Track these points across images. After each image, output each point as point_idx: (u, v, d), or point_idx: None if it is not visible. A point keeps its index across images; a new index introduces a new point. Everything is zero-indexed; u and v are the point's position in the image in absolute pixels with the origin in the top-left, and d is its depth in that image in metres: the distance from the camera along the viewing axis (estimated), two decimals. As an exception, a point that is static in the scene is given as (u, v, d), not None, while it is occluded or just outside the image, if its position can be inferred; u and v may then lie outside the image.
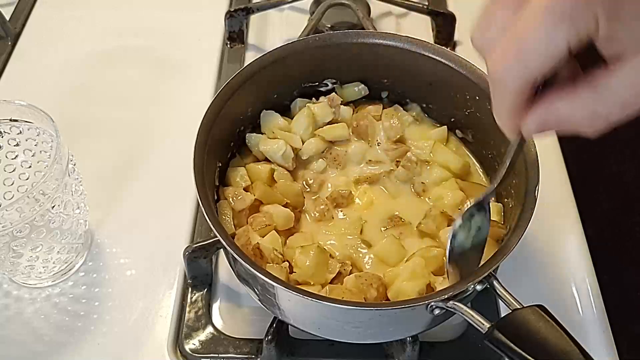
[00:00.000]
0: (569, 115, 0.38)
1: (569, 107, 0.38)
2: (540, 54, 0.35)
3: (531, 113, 0.40)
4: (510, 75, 0.37)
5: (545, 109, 0.39)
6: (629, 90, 0.36)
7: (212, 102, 0.64)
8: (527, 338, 0.47)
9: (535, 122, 0.40)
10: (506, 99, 0.39)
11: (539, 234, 0.73)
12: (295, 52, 0.70)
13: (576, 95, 0.38)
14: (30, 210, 0.59)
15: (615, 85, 0.36)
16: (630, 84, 0.36)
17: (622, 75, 0.36)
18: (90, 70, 0.94)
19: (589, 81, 0.37)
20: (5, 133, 0.66)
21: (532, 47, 0.35)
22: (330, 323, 0.58)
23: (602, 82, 0.37)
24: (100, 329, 0.68)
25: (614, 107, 0.37)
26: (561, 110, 0.38)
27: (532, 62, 0.36)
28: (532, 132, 0.41)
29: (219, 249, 0.69)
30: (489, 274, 0.53)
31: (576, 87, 0.38)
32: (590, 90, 0.37)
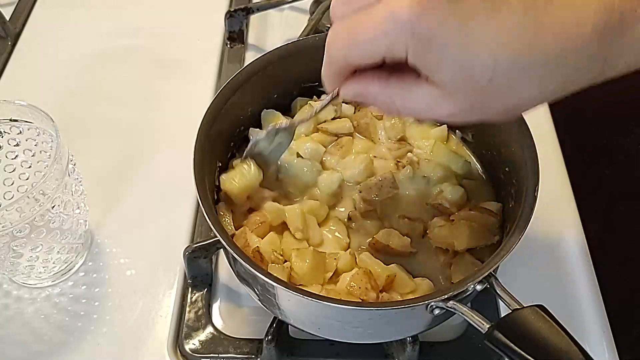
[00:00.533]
0: (375, 97, 0.46)
1: (377, 91, 0.46)
2: (361, 54, 0.43)
3: (348, 83, 0.47)
4: (337, 52, 0.45)
5: (360, 85, 0.47)
6: (420, 104, 0.44)
7: (212, 102, 0.64)
8: (527, 338, 0.47)
9: (350, 91, 0.48)
10: (331, 66, 0.47)
11: (539, 234, 0.73)
12: (295, 52, 0.70)
13: (386, 85, 0.45)
14: (30, 210, 0.59)
15: (414, 94, 0.44)
16: (421, 99, 0.44)
17: (420, 91, 0.43)
18: (90, 70, 0.94)
19: (400, 78, 0.44)
20: (5, 133, 0.66)
21: (358, 45, 0.43)
22: (330, 323, 0.58)
23: (407, 86, 0.44)
24: (100, 329, 0.68)
25: (405, 107, 0.45)
26: (371, 91, 0.46)
27: (354, 55, 0.44)
28: (345, 97, 0.49)
29: (219, 249, 0.69)
30: (489, 274, 0.53)
31: (390, 78, 0.45)
32: (397, 87, 0.45)
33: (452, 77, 0.41)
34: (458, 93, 0.42)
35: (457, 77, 0.41)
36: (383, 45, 0.41)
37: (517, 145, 0.62)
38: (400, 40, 0.40)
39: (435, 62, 0.41)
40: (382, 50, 0.42)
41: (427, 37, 0.39)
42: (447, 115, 0.44)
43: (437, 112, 0.44)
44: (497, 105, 0.43)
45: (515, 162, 0.63)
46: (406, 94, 0.44)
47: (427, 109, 0.44)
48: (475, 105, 0.43)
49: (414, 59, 0.41)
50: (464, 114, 0.44)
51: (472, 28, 0.39)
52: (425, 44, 0.40)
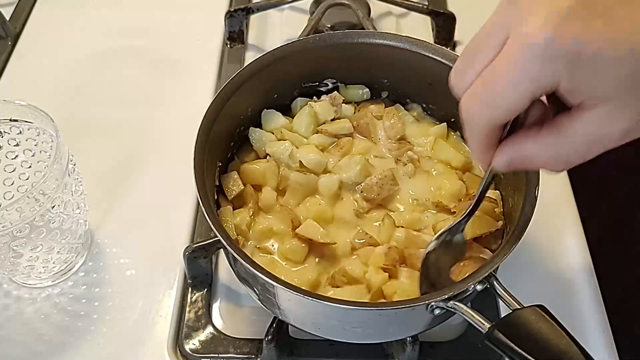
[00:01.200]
0: (533, 155, 0.43)
1: (534, 148, 0.42)
2: (505, 103, 0.39)
3: (500, 151, 0.44)
4: (478, 118, 0.42)
5: (513, 149, 0.43)
6: (587, 137, 0.40)
7: (212, 102, 0.64)
8: (528, 338, 0.47)
9: (504, 159, 0.44)
10: (475, 137, 0.43)
11: (539, 234, 0.73)
12: (295, 52, 0.70)
13: (541, 138, 0.42)
14: (30, 210, 0.59)
15: (575, 132, 0.40)
16: (588, 131, 0.40)
17: (582, 123, 0.39)
18: (90, 70, 0.94)
19: (553, 126, 0.41)
20: (5, 133, 0.66)
21: (498, 96, 0.39)
22: (330, 323, 0.58)
23: (565, 128, 0.40)
24: (100, 329, 0.68)
25: (574, 151, 0.41)
26: (527, 150, 0.43)
27: (497, 109, 0.40)
28: (501, 167, 0.45)
29: (219, 249, 0.69)
30: (489, 274, 0.53)
31: (542, 130, 0.42)
32: (554, 134, 0.41)
33: (616, 82, 0.37)
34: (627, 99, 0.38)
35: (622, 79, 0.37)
36: (528, 84, 0.38)
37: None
38: (545, 71, 0.37)
39: (592, 73, 0.37)
40: (528, 90, 0.38)
41: (575, 51, 0.36)
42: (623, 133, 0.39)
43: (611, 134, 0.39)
44: None
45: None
46: (567, 135, 0.40)
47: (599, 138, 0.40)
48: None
49: (568, 82, 0.37)
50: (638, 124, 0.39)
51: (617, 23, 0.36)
52: (575, 58, 0.36)
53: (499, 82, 0.39)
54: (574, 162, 0.42)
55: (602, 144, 0.40)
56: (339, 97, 0.73)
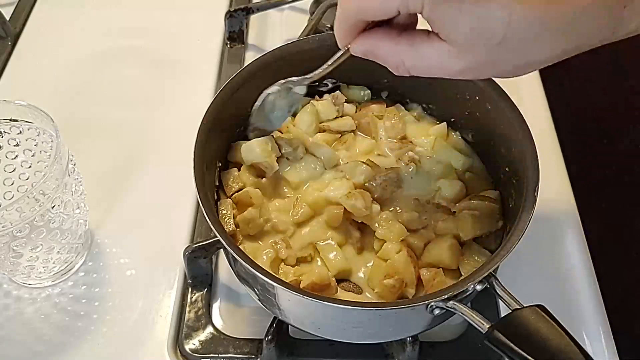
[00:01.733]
0: (383, 53, 0.48)
1: (386, 48, 0.48)
2: (375, 9, 0.45)
3: (359, 39, 0.49)
4: (350, 10, 0.47)
5: (370, 43, 0.49)
6: (430, 61, 0.46)
7: (212, 102, 0.64)
8: (527, 338, 0.47)
9: (360, 48, 0.50)
10: (343, 22, 0.49)
11: (539, 234, 0.73)
12: (295, 52, 0.70)
13: (396, 44, 0.47)
14: (30, 210, 0.59)
15: (423, 53, 0.46)
16: (433, 58, 0.45)
17: (431, 49, 0.45)
18: (90, 70, 0.94)
19: (410, 37, 0.46)
20: (5, 133, 0.66)
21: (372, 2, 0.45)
22: (330, 323, 0.58)
23: (417, 45, 0.46)
24: (100, 329, 0.68)
25: (415, 65, 0.47)
26: (381, 49, 0.48)
27: (369, 10, 0.46)
28: (355, 53, 0.51)
29: (219, 249, 0.69)
30: (489, 274, 0.53)
31: (400, 36, 0.47)
32: (406, 44, 0.46)
33: (465, 33, 0.42)
34: (470, 50, 0.43)
35: (471, 33, 0.42)
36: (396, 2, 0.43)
37: (517, 145, 0.62)
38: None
39: (450, 16, 0.42)
40: (396, 3, 0.43)
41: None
42: (458, 72, 0.45)
43: (448, 69, 0.45)
44: (508, 64, 0.44)
45: (515, 162, 0.63)
46: (416, 52, 0.46)
47: (438, 66, 0.46)
48: (487, 63, 0.44)
49: (428, 13, 0.42)
50: (474, 71, 0.45)
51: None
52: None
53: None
54: (413, 74, 0.48)
55: (439, 73, 0.47)
56: (341, 96, 0.73)
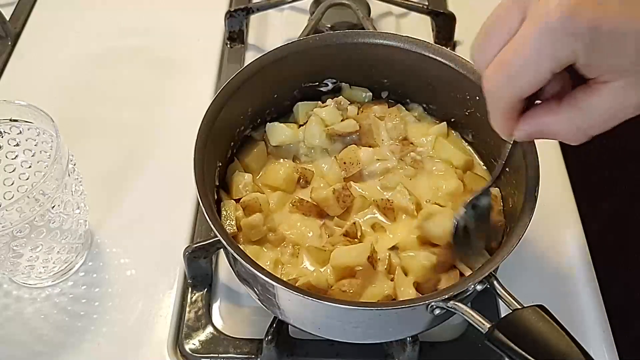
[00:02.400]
0: (553, 128, 0.45)
1: (554, 121, 0.44)
2: (525, 77, 0.42)
3: (521, 123, 0.46)
4: (501, 92, 0.44)
5: (534, 121, 0.46)
6: (604, 110, 0.42)
7: (212, 102, 0.64)
8: (528, 338, 0.47)
9: (525, 130, 0.46)
10: (497, 110, 0.46)
11: (539, 234, 0.73)
12: (295, 52, 0.70)
13: (561, 111, 0.44)
14: (30, 210, 0.59)
15: (593, 105, 0.42)
16: (605, 105, 0.42)
17: (599, 97, 0.42)
18: (90, 70, 0.94)
19: (572, 99, 0.43)
20: (5, 133, 0.66)
21: (519, 71, 0.42)
22: (330, 323, 0.58)
23: (583, 102, 0.43)
24: (100, 329, 0.68)
25: (591, 124, 0.43)
26: (547, 123, 0.45)
27: (518, 83, 0.42)
28: (522, 138, 0.48)
29: (219, 249, 0.69)
30: (489, 274, 0.53)
31: (561, 104, 0.44)
32: (573, 108, 0.43)
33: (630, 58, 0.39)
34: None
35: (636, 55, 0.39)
36: (546, 62, 0.40)
37: (517, 145, 0.62)
38: (562, 49, 0.39)
39: (608, 50, 0.39)
40: (546, 66, 0.40)
41: (590, 30, 0.38)
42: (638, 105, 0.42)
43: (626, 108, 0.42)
44: None
45: (515, 162, 0.63)
46: (586, 109, 0.43)
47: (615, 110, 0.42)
48: None
49: (585, 58, 0.40)
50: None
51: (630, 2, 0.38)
52: (591, 38, 0.39)
53: (520, 60, 0.41)
54: (592, 134, 0.44)
55: (618, 116, 0.42)
56: (344, 100, 0.73)
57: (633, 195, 1.00)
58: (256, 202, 0.65)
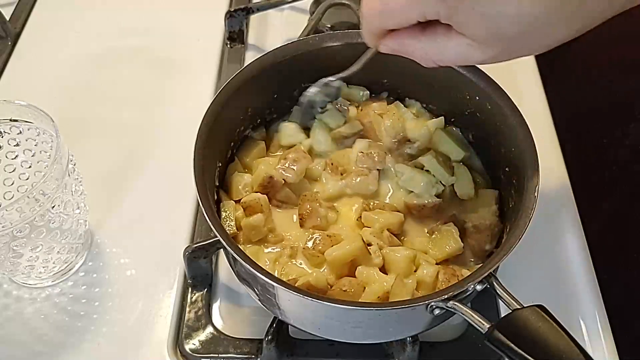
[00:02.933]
0: (411, 49, 0.53)
1: (413, 44, 0.52)
2: (395, 19, 0.50)
3: (386, 39, 0.54)
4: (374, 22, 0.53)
5: (397, 41, 0.53)
6: (453, 52, 0.50)
7: (212, 102, 0.64)
8: (527, 338, 0.47)
9: (388, 46, 0.54)
10: (368, 30, 0.54)
11: (539, 234, 0.73)
12: (295, 52, 0.70)
13: (421, 40, 0.51)
14: (30, 210, 0.59)
15: (445, 46, 0.50)
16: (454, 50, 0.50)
17: (451, 42, 0.49)
18: (90, 70, 0.94)
19: (433, 34, 0.50)
20: (5, 133, 0.66)
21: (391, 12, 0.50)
22: (330, 323, 0.58)
23: (440, 38, 0.50)
24: (100, 329, 0.68)
25: (441, 58, 0.52)
26: (407, 44, 0.53)
27: (389, 21, 0.51)
28: (385, 51, 0.55)
29: (219, 249, 0.69)
30: (489, 274, 0.53)
31: (424, 33, 0.51)
32: (430, 40, 0.51)
33: (481, 32, 0.47)
34: (488, 43, 0.48)
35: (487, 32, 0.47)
36: (415, 11, 0.48)
37: (517, 145, 0.62)
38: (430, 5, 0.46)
39: (465, 20, 0.46)
40: (414, 16, 0.48)
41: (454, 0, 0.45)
42: (478, 61, 0.51)
43: (469, 59, 0.50)
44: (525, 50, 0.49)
45: (515, 162, 0.63)
46: (439, 47, 0.51)
47: (459, 57, 0.50)
48: (505, 51, 0.49)
49: (446, 19, 0.47)
50: (494, 59, 0.50)
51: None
52: (454, 7, 0.46)
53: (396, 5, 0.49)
54: (440, 65, 0.53)
55: (461, 62, 0.52)
56: (344, 101, 0.73)
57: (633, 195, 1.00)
58: (257, 203, 0.65)
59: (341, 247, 0.62)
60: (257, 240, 0.65)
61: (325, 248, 0.62)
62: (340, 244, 0.62)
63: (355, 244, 0.61)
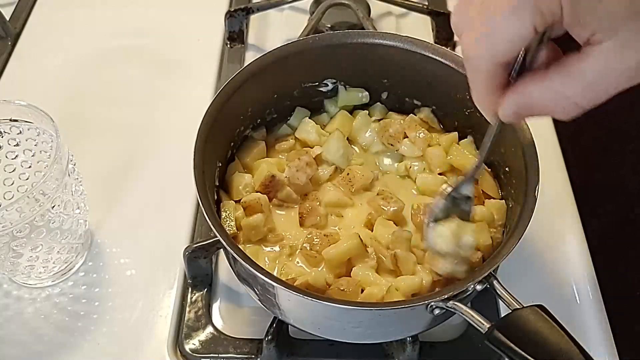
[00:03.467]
0: (540, 99, 0.39)
1: (540, 91, 0.39)
2: (507, 36, 0.37)
3: (506, 97, 0.41)
4: (481, 56, 0.39)
5: (519, 93, 0.40)
6: (596, 75, 0.37)
7: (212, 102, 0.64)
8: (527, 338, 0.47)
9: (510, 105, 0.41)
10: (479, 80, 0.41)
11: (539, 234, 0.73)
12: (295, 52, 0.70)
13: (547, 79, 0.39)
14: (30, 210, 0.59)
15: (583, 70, 0.37)
16: (597, 68, 0.37)
17: (591, 59, 0.37)
18: (90, 70, 0.94)
19: (561, 66, 0.38)
20: (5, 133, 0.66)
21: (499, 30, 0.37)
22: (330, 323, 0.58)
23: (572, 67, 0.38)
24: (100, 329, 0.68)
25: (583, 93, 0.38)
26: (534, 94, 0.39)
27: (500, 44, 0.37)
28: (508, 115, 0.42)
29: (219, 249, 0.69)
30: (489, 274, 0.53)
31: (548, 72, 0.39)
32: (560, 74, 0.38)
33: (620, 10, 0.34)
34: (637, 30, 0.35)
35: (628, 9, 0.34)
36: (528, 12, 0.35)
37: (518, 145, 0.62)
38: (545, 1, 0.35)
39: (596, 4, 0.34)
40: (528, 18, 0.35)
41: None
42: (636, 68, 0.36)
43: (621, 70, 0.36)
44: None
45: (515, 162, 0.63)
46: (575, 75, 0.37)
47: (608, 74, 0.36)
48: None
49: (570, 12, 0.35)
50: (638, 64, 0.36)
51: None
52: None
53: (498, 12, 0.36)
54: (584, 106, 0.39)
55: (612, 84, 0.37)
56: None
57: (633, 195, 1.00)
58: (257, 203, 0.65)
59: (338, 245, 0.62)
60: (257, 240, 0.65)
61: (323, 247, 0.62)
62: (337, 243, 0.62)
63: (352, 242, 0.61)
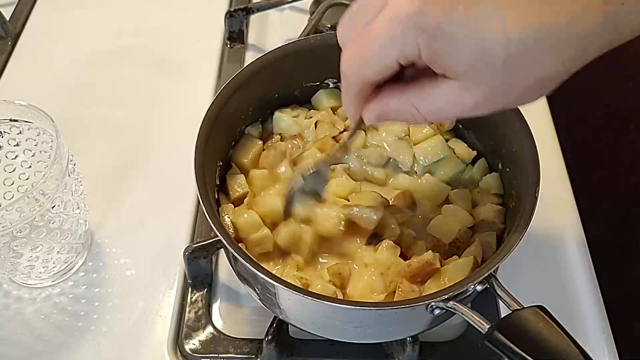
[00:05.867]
0: (397, 111, 0.47)
1: (397, 103, 0.46)
2: (375, 65, 0.44)
3: (369, 105, 0.47)
4: (353, 74, 0.45)
5: (379, 103, 0.47)
6: (442, 103, 0.44)
7: (213, 102, 0.64)
8: (527, 339, 0.47)
9: (372, 113, 0.48)
10: (349, 91, 0.47)
11: (539, 234, 0.73)
12: (295, 52, 0.70)
13: (405, 94, 0.45)
14: (30, 210, 0.59)
15: (434, 95, 0.44)
16: (444, 99, 0.44)
17: (439, 90, 0.44)
18: (90, 70, 0.94)
19: (418, 85, 0.45)
20: (5, 133, 0.66)
21: (370, 58, 0.43)
22: (331, 323, 0.58)
23: (425, 90, 0.44)
24: (100, 329, 0.68)
25: (431, 110, 0.45)
26: (391, 106, 0.46)
27: (369, 70, 0.44)
28: (370, 120, 0.49)
29: (219, 248, 0.69)
30: (489, 274, 0.53)
31: (406, 88, 0.45)
32: (415, 93, 0.45)
33: (466, 64, 0.41)
34: (477, 79, 0.42)
35: (472, 62, 0.41)
36: (394, 50, 0.42)
37: (518, 145, 0.62)
38: (408, 40, 0.41)
39: (447, 51, 0.41)
40: (393, 55, 0.42)
41: (433, 28, 0.40)
42: (472, 106, 0.43)
43: (461, 106, 0.44)
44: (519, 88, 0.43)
45: (515, 162, 0.63)
46: (426, 97, 0.45)
47: (451, 105, 0.44)
48: (497, 89, 0.43)
49: (427, 54, 0.41)
50: (488, 101, 0.43)
51: (476, 10, 0.39)
52: (434, 36, 0.40)
53: (371, 46, 0.43)
54: (430, 120, 0.47)
55: (455, 112, 0.45)
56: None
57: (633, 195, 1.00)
58: None
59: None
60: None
61: None
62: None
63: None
